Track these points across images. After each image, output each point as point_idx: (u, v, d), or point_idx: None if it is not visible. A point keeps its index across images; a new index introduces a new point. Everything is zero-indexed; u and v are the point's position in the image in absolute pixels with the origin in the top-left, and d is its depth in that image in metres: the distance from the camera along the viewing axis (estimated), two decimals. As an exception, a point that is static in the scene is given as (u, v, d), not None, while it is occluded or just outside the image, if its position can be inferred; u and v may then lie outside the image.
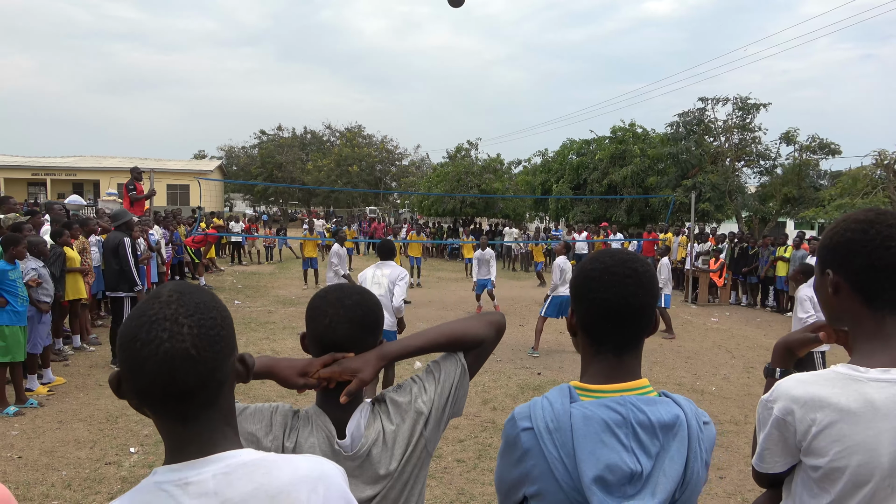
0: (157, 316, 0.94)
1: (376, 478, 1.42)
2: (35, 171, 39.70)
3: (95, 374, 7.47)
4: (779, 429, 1.31)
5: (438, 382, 1.54)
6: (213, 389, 0.98)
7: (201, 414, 0.98)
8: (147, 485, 0.96)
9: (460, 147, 30.51)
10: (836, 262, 1.35)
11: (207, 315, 0.98)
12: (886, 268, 1.28)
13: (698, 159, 21.49)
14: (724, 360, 9.05)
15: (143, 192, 11.59)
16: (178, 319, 0.94)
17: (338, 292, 1.48)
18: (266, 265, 21.41)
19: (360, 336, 1.44)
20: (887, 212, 1.34)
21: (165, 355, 0.92)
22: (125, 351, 0.95)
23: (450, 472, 4.86)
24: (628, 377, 1.30)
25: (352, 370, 1.41)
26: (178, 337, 0.93)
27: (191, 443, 0.98)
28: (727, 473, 4.98)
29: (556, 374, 7.90)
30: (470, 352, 1.60)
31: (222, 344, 0.98)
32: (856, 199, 15.84)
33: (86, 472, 4.75)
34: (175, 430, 0.98)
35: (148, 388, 0.94)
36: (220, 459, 0.97)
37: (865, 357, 1.29)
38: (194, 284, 1.06)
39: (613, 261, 1.32)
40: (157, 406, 0.97)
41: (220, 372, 0.98)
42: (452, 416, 1.58)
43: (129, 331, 0.95)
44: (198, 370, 0.94)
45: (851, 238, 1.32)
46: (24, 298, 6.10)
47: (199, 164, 47.07)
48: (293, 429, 1.43)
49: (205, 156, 57.47)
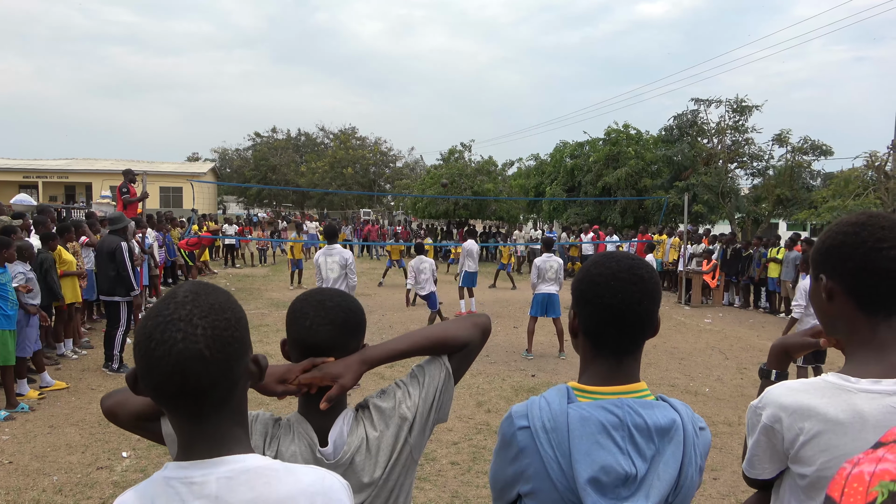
0: (173, 316, 0.96)
1: (360, 486, 1.39)
2: (27, 174, 39.39)
3: (87, 377, 7.42)
4: (767, 436, 1.31)
5: (423, 387, 1.51)
6: (225, 390, 1.00)
7: (213, 413, 1.00)
8: (157, 478, 1.00)
9: (453, 149, 30.55)
10: (829, 266, 1.33)
11: (222, 316, 0.99)
12: (879, 271, 1.26)
13: (691, 161, 21.58)
14: (718, 362, 9.08)
15: (137, 195, 11.54)
16: (192, 320, 0.96)
17: (319, 295, 1.45)
18: (259, 268, 21.35)
19: (342, 339, 1.41)
20: (879, 214, 1.32)
21: (179, 355, 0.94)
22: (141, 349, 0.97)
23: (444, 474, 4.85)
24: (627, 380, 1.31)
25: (332, 375, 1.37)
26: (192, 338, 0.95)
27: (201, 441, 1.00)
28: (721, 474, 4.99)
29: (550, 377, 7.90)
30: (455, 355, 1.57)
31: (235, 345, 1.00)
32: (847, 201, 15.91)
33: (77, 476, 4.72)
34: (187, 428, 1.01)
35: (162, 386, 0.96)
36: (226, 463, 0.99)
37: (857, 366, 1.28)
38: (211, 284, 1.06)
39: (620, 266, 1.31)
40: (170, 404, 0.99)
41: (232, 373, 1.00)
42: (437, 421, 1.54)
43: (145, 330, 0.97)
44: (210, 370, 0.96)
45: (844, 241, 1.30)
46: (14, 302, 6.06)
47: (192, 167, 46.88)
48: (274, 437, 1.39)
49: (198, 158, 57.21)
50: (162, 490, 0.97)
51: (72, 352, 8.35)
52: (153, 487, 0.99)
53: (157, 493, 0.98)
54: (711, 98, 21.75)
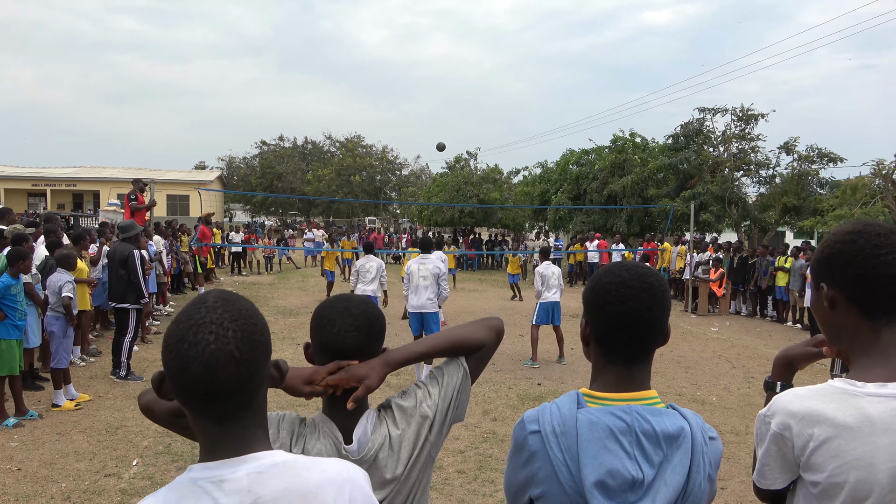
0: (205, 319, 1.00)
1: (383, 482, 1.45)
2: (35, 182, 39.71)
3: (95, 385, 7.46)
4: (777, 444, 1.31)
5: (442, 387, 1.59)
6: (250, 391, 1.04)
7: (238, 415, 1.03)
8: (183, 481, 1.01)
9: (459, 157, 30.63)
10: (829, 275, 1.35)
11: (250, 321, 1.04)
12: (878, 277, 1.28)
13: (697, 169, 21.53)
14: (725, 370, 9.04)
15: (145, 203, 11.62)
16: (223, 323, 1.00)
17: (344, 302, 1.51)
18: (266, 275, 21.42)
19: (367, 344, 1.48)
20: (875, 222, 1.35)
21: (211, 356, 0.98)
22: (171, 351, 1.00)
23: (450, 483, 4.85)
24: (637, 387, 1.33)
25: (359, 377, 1.44)
26: (224, 339, 0.99)
27: (225, 442, 1.03)
28: (728, 484, 4.97)
29: (556, 385, 7.89)
30: (471, 356, 1.65)
31: (262, 348, 1.05)
32: (854, 209, 15.84)
33: (85, 483, 4.74)
34: (211, 430, 1.03)
35: (192, 386, 0.99)
36: (254, 459, 1.02)
37: (863, 371, 1.29)
38: (235, 293, 1.11)
39: (630, 274, 1.34)
40: (197, 405, 1.02)
41: (258, 375, 1.04)
42: (455, 420, 1.61)
43: (176, 333, 1.01)
44: (239, 371, 1.00)
45: (842, 250, 1.33)
46: (23, 313, 6.11)
47: (199, 175, 47.09)
48: (300, 436, 1.46)
49: (205, 166, 57.52)
50: (189, 491, 0.99)
51: (80, 359, 8.40)
52: (179, 490, 1.00)
53: (185, 494, 0.99)
54: (717, 107, 21.73)
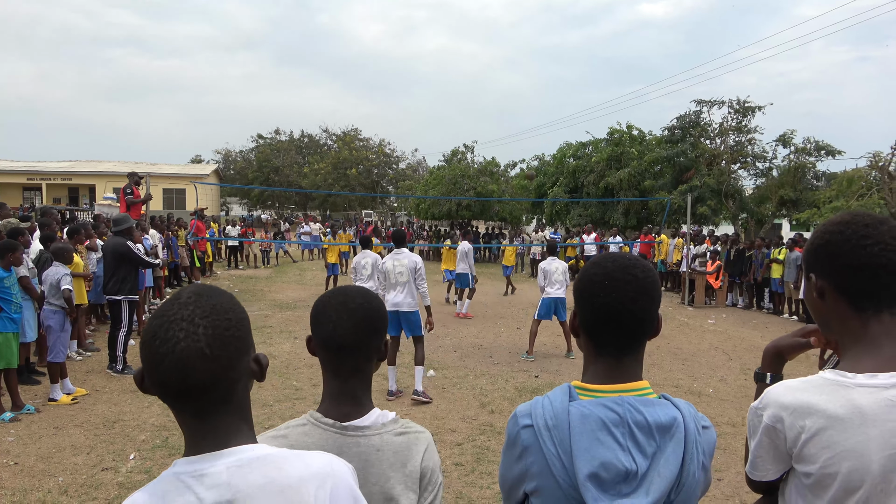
0: (176, 317, 1.01)
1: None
2: (30, 176, 39.50)
3: (92, 379, 7.45)
4: (769, 436, 1.32)
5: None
6: (226, 387, 1.04)
7: (216, 409, 1.04)
8: (167, 475, 1.03)
9: (456, 150, 30.56)
10: (818, 265, 1.37)
11: (223, 317, 1.04)
12: (865, 267, 1.29)
13: (694, 162, 21.53)
14: (721, 362, 9.07)
15: (141, 197, 11.59)
16: (193, 320, 1.01)
17: (342, 296, 1.49)
18: (262, 269, 21.39)
19: (366, 339, 1.46)
20: (864, 213, 1.37)
21: (182, 353, 0.98)
22: (146, 348, 1.02)
23: (448, 475, 4.86)
24: (628, 378, 1.33)
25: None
26: (194, 336, 1.00)
27: (207, 436, 1.04)
28: (725, 475, 4.99)
29: (553, 377, 7.91)
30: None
31: (236, 344, 1.05)
32: (851, 201, 15.86)
33: (82, 477, 4.74)
34: (192, 424, 1.04)
35: (165, 383, 1.00)
36: (234, 453, 1.02)
37: (853, 362, 1.30)
38: (215, 287, 1.11)
39: (615, 266, 1.34)
40: (174, 401, 1.03)
41: (233, 370, 1.04)
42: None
43: (150, 329, 1.02)
44: (211, 368, 1.00)
45: (830, 240, 1.34)
46: (18, 305, 6.09)
47: (195, 169, 46.94)
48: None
49: (201, 160, 57.33)
50: (172, 486, 1.00)
51: (76, 353, 8.39)
52: (163, 485, 1.01)
53: (168, 489, 1.00)
54: (713, 99, 21.69)
